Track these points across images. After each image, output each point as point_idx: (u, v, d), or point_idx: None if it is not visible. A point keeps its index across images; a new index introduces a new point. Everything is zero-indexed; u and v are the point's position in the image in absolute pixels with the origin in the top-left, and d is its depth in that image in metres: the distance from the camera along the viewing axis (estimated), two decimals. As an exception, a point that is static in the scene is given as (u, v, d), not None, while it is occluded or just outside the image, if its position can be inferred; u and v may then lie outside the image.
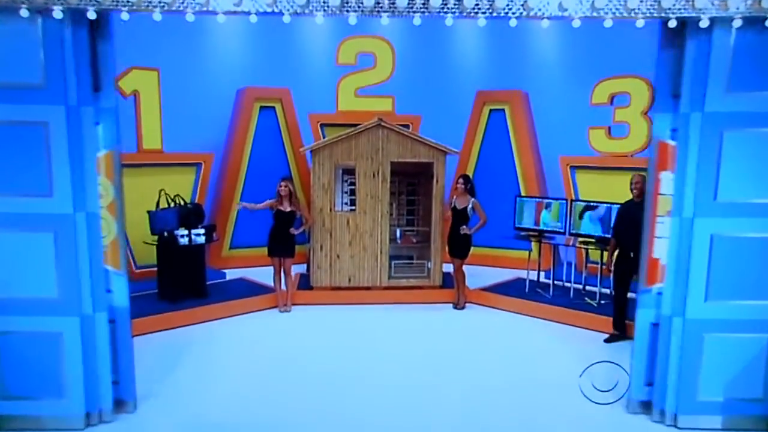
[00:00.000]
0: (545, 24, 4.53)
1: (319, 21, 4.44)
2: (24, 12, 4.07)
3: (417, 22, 4.38)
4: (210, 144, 9.29)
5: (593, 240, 7.54)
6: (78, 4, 4.12)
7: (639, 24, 4.32)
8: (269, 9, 4.25)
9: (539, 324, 7.24)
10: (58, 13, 4.11)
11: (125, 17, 4.26)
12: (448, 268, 8.01)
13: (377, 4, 4.26)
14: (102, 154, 4.45)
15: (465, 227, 7.50)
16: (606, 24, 4.37)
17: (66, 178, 4.29)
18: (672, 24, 4.32)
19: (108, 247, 4.53)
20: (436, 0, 4.19)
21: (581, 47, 9.50)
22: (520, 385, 5.45)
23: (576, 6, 4.25)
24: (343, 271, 7.95)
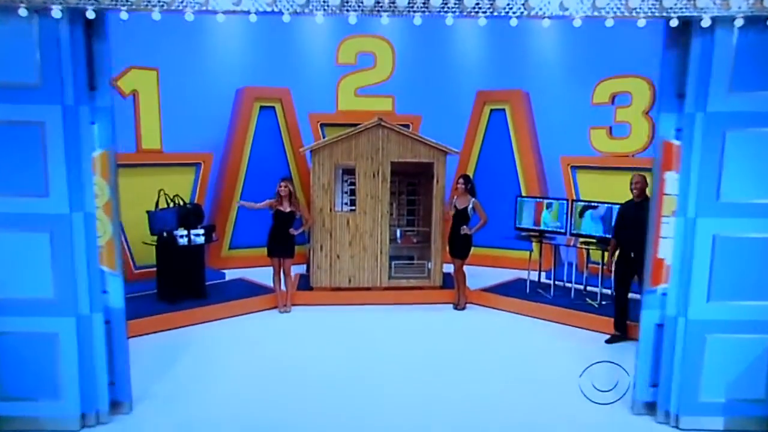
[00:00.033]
0: (546, 23, 4.52)
1: (319, 20, 4.43)
2: (23, 11, 4.04)
3: (417, 21, 4.37)
4: (209, 144, 9.25)
5: (594, 240, 7.51)
6: (77, 3, 4.09)
7: (640, 23, 4.30)
8: (269, 8, 4.23)
9: (540, 325, 7.22)
10: (57, 13, 4.08)
11: (124, 16, 4.24)
12: (448, 268, 7.98)
13: (377, 3, 4.25)
14: (97, 153, 4.42)
15: (465, 227, 7.47)
16: (607, 23, 4.35)
17: (62, 178, 4.27)
18: (673, 23, 4.30)
19: (103, 248, 4.51)
20: (436, -1, 4.17)
21: (582, 47, 9.46)
22: (521, 387, 5.42)
23: (577, 5, 4.23)
24: (343, 272, 7.92)
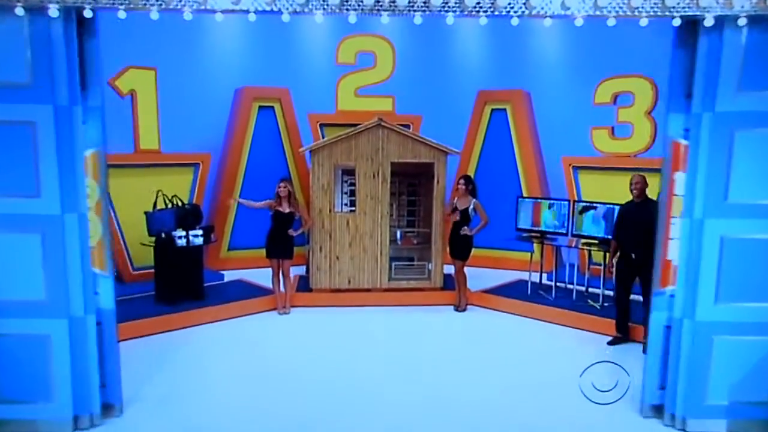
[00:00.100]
0: (548, 23, 4.47)
1: (319, 20, 4.40)
2: (19, 11, 3.99)
3: (418, 20, 4.33)
4: (208, 144, 9.18)
5: (596, 241, 7.45)
6: (75, 2, 4.05)
7: (643, 23, 4.27)
8: (268, 7, 4.20)
9: (541, 326, 7.16)
10: (54, 12, 4.04)
11: (122, 15, 4.20)
12: (449, 269, 7.93)
13: (377, 2, 4.21)
14: (88, 154, 4.38)
15: (466, 228, 7.43)
16: (609, 23, 4.32)
17: (54, 178, 4.24)
18: (676, 22, 4.27)
19: (94, 249, 4.46)
20: (437, -2, 4.14)
21: (584, 46, 9.39)
22: (523, 389, 5.37)
23: (579, 4, 4.20)
24: (343, 273, 7.86)
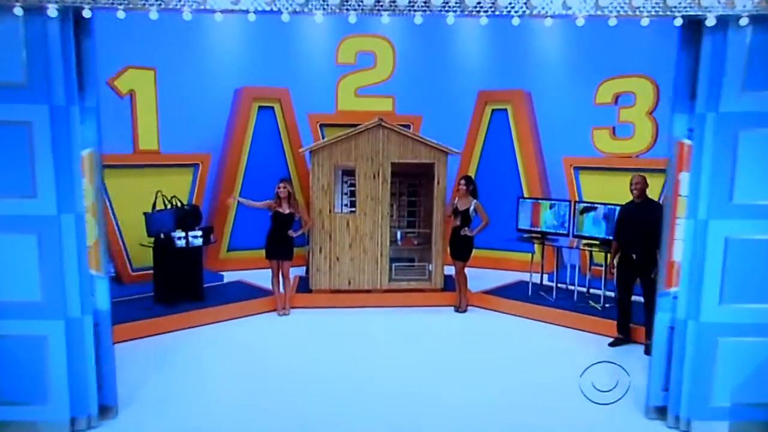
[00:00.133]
0: (548, 23, 4.45)
1: (319, 20, 4.37)
2: (18, 11, 3.97)
3: (418, 20, 4.31)
4: (207, 144, 9.15)
5: (597, 242, 7.42)
6: (74, 2, 4.03)
7: (644, 23, 4.26)
8: (268, 7, 4.18)
9: (542, 328, 7.13)
10: (53, 12, 4.02)
11: (121, 15, 4.18)
12: (449, 270, 7.89)
13: (377, 2, 4.19)
14: (84, 154, 4.35)
15: (466, 229, 7.40)
16: (610, 23, 4.30)
17: (50, 179, 4.21)
18: (678, 22, 4.25)
19: (89, 250, 4.43)
20: (437, -2, 4.12)
21: (585, 46, 9.35)
22: (525, 390, 5.33)
23: (580, 4, 4.19)
24: (343, 274, 7.83)
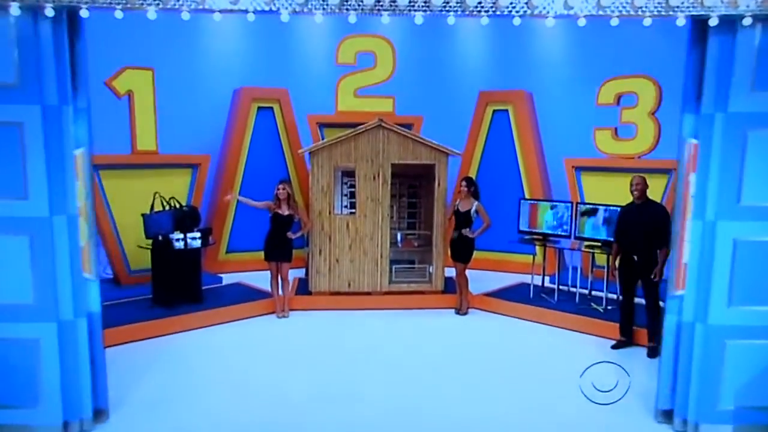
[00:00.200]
0: (550, 23, 4.41)
1: (318, 20, 4.34)
2: (15, 10, 3.93)
3: (418, 20, 4.27)
4: (206, 145, 9.09)
5: (599, 244, 7.37)
6: (71, 2, 4.00)
7: (646, 22, 4.23)
8: (267, 7, 4.15)
9: (544, 330, 7.08)
10: (49, 11, 4.00)
11: (119, 15, 4.15)
12: (450, 272, 7.83)
13: (377, 2, 4.16)
14: (76, 154, 4.30)
15: (467, 229, 7.35)
16: (612, 22, 4.27)
17: (42, 180, 4.17)
18: (680, 22, 4.21)
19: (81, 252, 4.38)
20: (438, -2, 4.09)
21: (587, 46, 9.32)
22: (529, 395, 5.28)
23: (581, 4, 4.16)
24: (343, 276, 7.78)
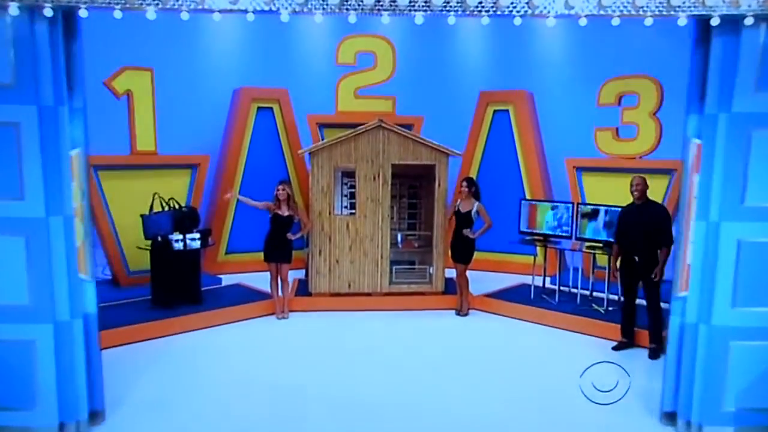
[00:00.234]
0: (551, 22, 4.38)
1: (318, 20, 4.31)
2: (14, 10, 3.90)
3: (419, 20, 4.25)
4: (206, 146, 9.06)
5: (600, 244, 7.34)
6: (70, 2, 3.98)
7: (647, 22, 4.21)
8: (267, 7, 4.12)
9: (545, 331, 7.05)
10: (48, 11, 3.98)
11: (118, 15, 4.13)
12: (450, 273, 7.79)
13: (378, 2, 4.14)
14: (71, 155, 4.28)
15: (468, 230, 7.32)
16: (613, 22, 4.25)
17: (38, 180, 4.15)
18: (682, 22, 4.18)
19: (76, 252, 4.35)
20: (438, -3, 4.07)
21: (588, 46, 9.29)
22: (530, 396, 5.24)
23: (582, 4, 4.13)
24: (343, 277, 7.75)
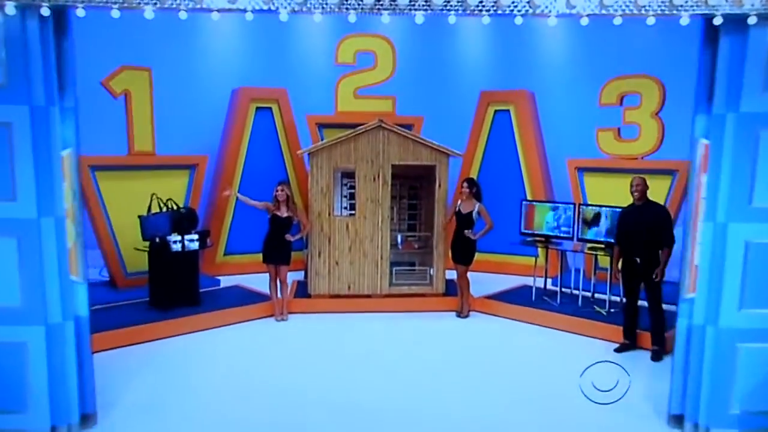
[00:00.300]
0: (552, 22, 4.35)
1: (318, 19, 4.28)
2: (10, 9, 3.87)
3: (419, 20, 4.22)
4: (204, 146, 9.01)
5: (602, 245, 7.29)
6: (66, 1, 3.95)
7: (649, 21, 4.19)
8: (266, 6, 4.10)
9: (546, 333, 7.00)
10: (45, 11, 3.95)
11: (116, 15, 4.12)
12: (451, 274, 7.74)
13: (377, 1, 4.11)
14: (63, 155, 4.24)
15: (469, 231, 7.27)
16: (615, 22, 4.22)
17: (30, 181, 4.11)
18: (684, 21, 4.15)
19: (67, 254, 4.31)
20: (438, -3, 4.04)
21: (589, 46, 9.27)
22: (532, 399, 5.19)
23: (584, 3, 4.11)
24: (342, 278, 7.70)
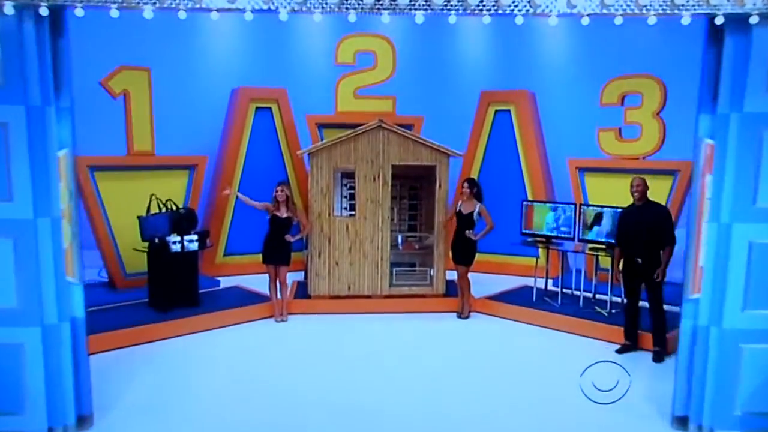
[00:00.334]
0: (553, 22, 4.34)
1: (317, 19, 4.26)
2: (9, 9, 3.86)
3: (419, 19, 4.21)
4: (203, 146, 8.98)
5: (603, 246, 7.26)
6: (65, 1, 3.94)
7: (651, 21, 4.17)
8: (265, 6, 4.09)
9: (547, 334, 6.98)
10: (44, 11, 3.94)
11: (115, 14, 4.12)
12: (451, 275, 7.72)
13: (377, 1, 4.09)
14: (59, 155, 4.23)
15: (470, 232, 7.25)
16: (616, 21, 4.21)
17: (26, 181, 4.10)
18: (686, 21, 4.14)
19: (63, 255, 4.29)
20: (439, -3, 4.03)
21: (590, 45, 9.24)
22: (533, 401, 5.17)
23: (585, 2, 4.10)
24: (342, 279, 7.67)
